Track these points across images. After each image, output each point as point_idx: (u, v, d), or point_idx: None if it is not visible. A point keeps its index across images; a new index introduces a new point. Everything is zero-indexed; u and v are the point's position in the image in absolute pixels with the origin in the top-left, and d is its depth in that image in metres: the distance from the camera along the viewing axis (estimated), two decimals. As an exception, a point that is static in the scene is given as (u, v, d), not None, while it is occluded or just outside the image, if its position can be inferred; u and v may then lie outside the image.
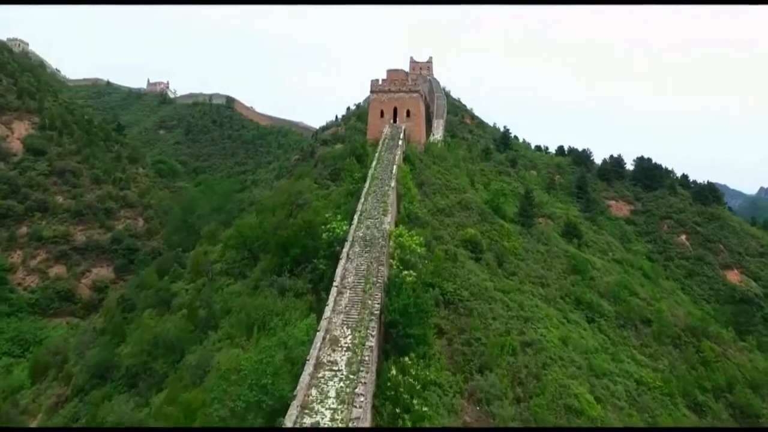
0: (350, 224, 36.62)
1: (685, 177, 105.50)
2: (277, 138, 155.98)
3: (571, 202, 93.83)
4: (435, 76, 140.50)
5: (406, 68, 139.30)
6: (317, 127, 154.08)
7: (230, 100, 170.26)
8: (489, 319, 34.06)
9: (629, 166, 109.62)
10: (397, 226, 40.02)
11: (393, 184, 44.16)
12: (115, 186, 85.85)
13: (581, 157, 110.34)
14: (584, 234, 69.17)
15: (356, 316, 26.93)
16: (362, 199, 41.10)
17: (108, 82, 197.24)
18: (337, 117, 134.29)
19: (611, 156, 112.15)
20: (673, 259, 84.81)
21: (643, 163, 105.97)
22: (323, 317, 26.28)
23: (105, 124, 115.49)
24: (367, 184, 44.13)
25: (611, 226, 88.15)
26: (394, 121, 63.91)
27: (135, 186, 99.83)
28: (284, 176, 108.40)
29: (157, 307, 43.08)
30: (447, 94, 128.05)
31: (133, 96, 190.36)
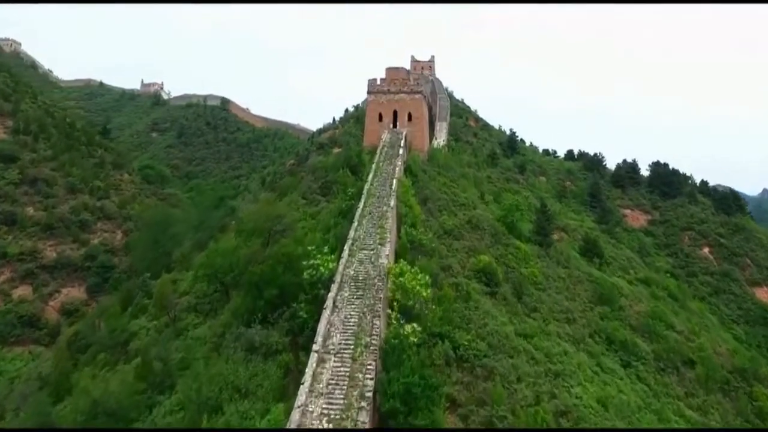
0: (339, 257, 29.28)
1: (704, 183, 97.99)
2: (273, 141, 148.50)
3: (584, 212, 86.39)
4: (437, 75, 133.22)
5: (407, 67, 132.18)
6: (314, 130, 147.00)
7: (225, 102, 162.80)
8: (513, 383, 26.61)
9: (644, 171, 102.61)
10: (397, 258, 32.70)
11: (392, 203, 36.78)
12: (93, 195, 78.45)
13: (593, 163, 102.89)
14: (604, 251, 61.68)
15: (341, 401, 19.56)
16: (355, 223, 33.71)
17: (101, 83, 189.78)
18: (334, 119, 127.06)
19: (624, 161, 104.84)
20: (696, 275, 77.23)
21: (659, 168, 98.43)
22: (296, 404, 18.97)
23: (89, 128, 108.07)
24: (361, 204, 36.73)
25: (629, 238, 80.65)
26: (394, 126, 56.55)
27: (118, 194, 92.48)
28: (277, 182, 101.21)
29: (113, 350, 35.82)
30: (450, 95, 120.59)
31: (126, 97, 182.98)
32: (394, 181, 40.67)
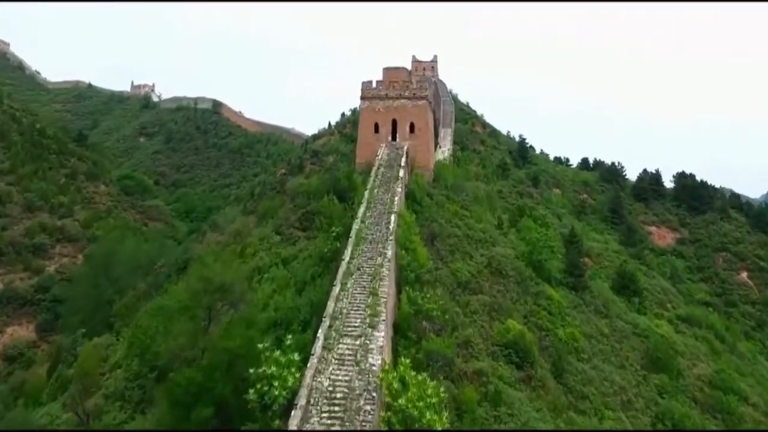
0: (311, 354, 19.08)
1: (736, 197, 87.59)
2: (266, 147, 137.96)
3: (606, 231, 76.20)
4: (440, 77, 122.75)
5: (408, 68, 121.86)
6: (309, 135, 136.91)
7: (217, 105, 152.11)
8: None
9: (666, 181, 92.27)
10: (396, 332, 22.71)
11: (390, 252, 26.55)
12: (54, 214, 68.36)
13: (611, 173, 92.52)
14: (640, 284, 51.47)
15: None
16: (337, 288, 23.44)
17: (89, 85, 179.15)
18: (330, 124, 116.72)
19: (645, 170, 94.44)
20: (736, 305, 66.92)
21: (685, 180, 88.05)
22: None
23: (62, 134, 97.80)
24: (348, 253, 26.47)
25: (658, 262, 70.34)
26: (393, 139, 46.29)
27: (90, 209, 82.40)
28: (266, 193, 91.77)
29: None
30: (454, 98, 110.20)
31: (115, 100, 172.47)
32: (392, 217, 30.37)
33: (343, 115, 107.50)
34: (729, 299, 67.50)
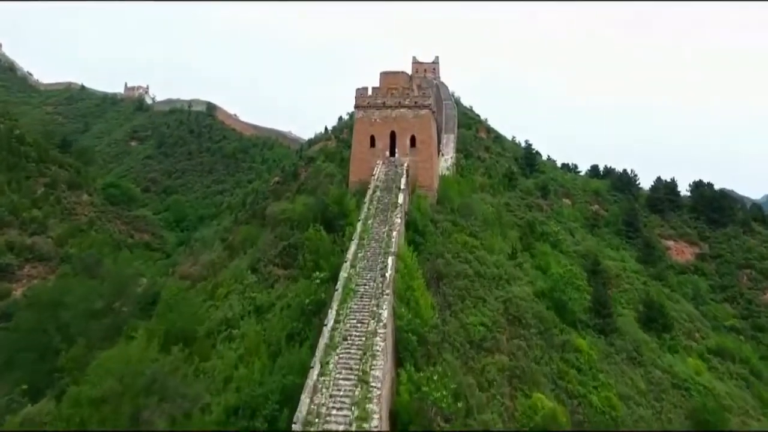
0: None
1: (758, 208, 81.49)
2: (262, 151, 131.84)
3: (622, 246, 70.17)
4: (442, 79, 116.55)
5: (408, 71, 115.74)
6: (305, 140, 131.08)
7: (211, 107, 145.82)
8: None
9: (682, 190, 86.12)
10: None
11: (385, 313, 20.55)
12: (24, 230, 62.56)
13: (623, 182, 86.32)
14: (670, 316, 45.48)
15: None
16: (314, 374, 17.40)
17: (82, 87, 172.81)
18: (326, 128, 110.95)
19: (659, 179, 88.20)
20: (764, 330, 60.83)
21: (702, 190, 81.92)
22: None
23: (43, 141, 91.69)
24: (331, 317, 20.43)
25: (679, 281, 64.22)
26: (392, 154, 40.23)
27: (70, 221, 76.60)
28: (260, 202, 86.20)
29: None
30: (457, 102, 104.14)
31: (108, 102, 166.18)
32: (390, 261, 24.33)
33: (340, 119, 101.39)
34: (756, 322, 61.24)
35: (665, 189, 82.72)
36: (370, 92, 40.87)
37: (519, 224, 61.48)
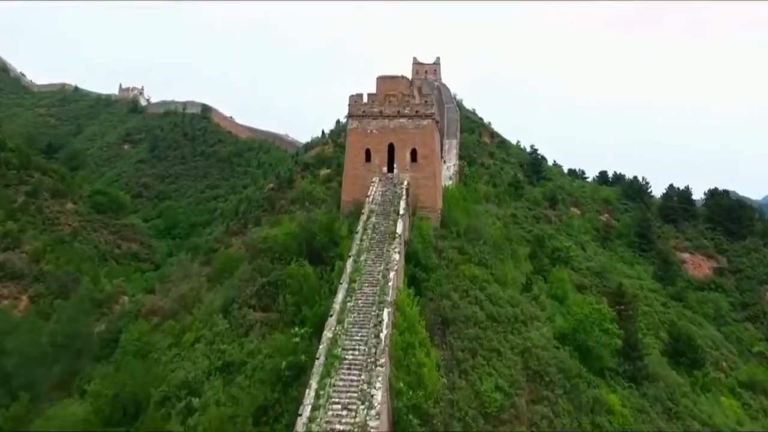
0: None
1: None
2: (258, 155, 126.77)
3: (635, 260, 65.39)
4: (444, 81, 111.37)
5: (408, 72, 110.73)
6: (302, 143, 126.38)
7: (206, 109, 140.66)
8: None
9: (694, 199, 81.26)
10: None
11: (378, 396, 15.70)
12: (-5, 246, 57.76)
13: (634, 190, 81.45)
14: (700, 350, 40.56)
15: None
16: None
17: (76, 88, 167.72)
18: (323, 132, 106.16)
19: (671, 186, 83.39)
20: (791, 352, 56.03)
21: (718, 198, 77.11)
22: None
23: (26, 146, 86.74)
24: (308, 400, 15.59)
25: (698, 299, 59.35)
26: (390, 170, 35.32)
27: (54, 230, 71.99)
28: (251, 212, 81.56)
29: None
30: (459, 105, 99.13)
31: (102, 103, 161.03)
32: (385, 315, 19.46)
33: (338, 122, 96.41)
34: (783, 345, 56.62)
35: (679, 197, 77.86)
36: (365, 99, 35.97)
37: (527, 239, 56.83)
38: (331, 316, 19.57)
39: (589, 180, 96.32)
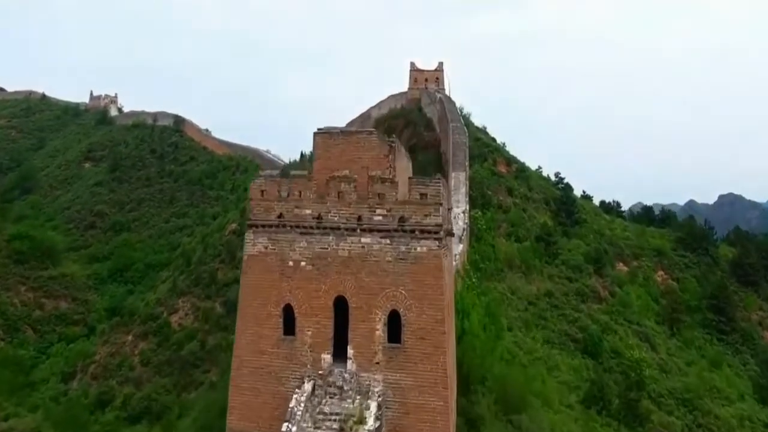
0: None
1: None
2: (234, 175, 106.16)
3: (716, 349, 44.93)
4: (447, 92, 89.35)
5: (405, 80, 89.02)
6: (284, 162, 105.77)
7: (179, 121, 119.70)
8: None
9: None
10: None
11: None
12: None
13: (694, 236, 60.30)
14: None
15: None
16: None
17: (43, 95, 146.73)
18: (302, 154, 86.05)
19: (737, 228, 62.59)
20: None
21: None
22: None
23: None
24: None
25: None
26: (337, 359, 14.75)
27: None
28: (208, 260, 63.74)
29: None
30: (466, 122, 75.41)
31: (70, 113, 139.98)
32: None
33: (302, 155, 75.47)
34: None
35: (758, 250, 56.97)
36: (282, 188, 15.23)
37: (576, 338, 36.64)
38: None
39: (624, 212, 75.77)
